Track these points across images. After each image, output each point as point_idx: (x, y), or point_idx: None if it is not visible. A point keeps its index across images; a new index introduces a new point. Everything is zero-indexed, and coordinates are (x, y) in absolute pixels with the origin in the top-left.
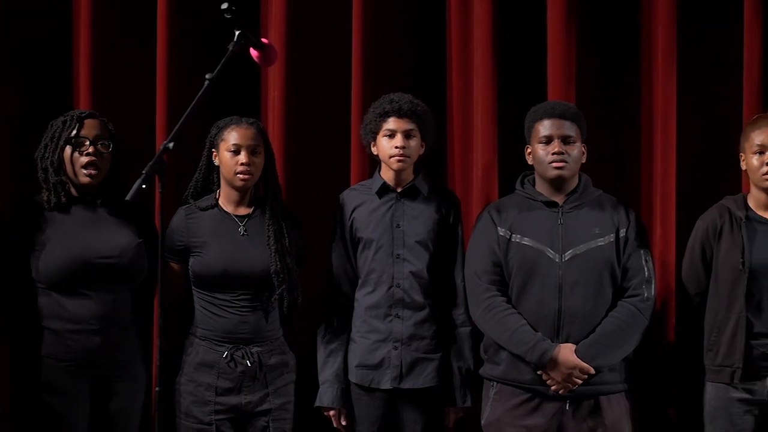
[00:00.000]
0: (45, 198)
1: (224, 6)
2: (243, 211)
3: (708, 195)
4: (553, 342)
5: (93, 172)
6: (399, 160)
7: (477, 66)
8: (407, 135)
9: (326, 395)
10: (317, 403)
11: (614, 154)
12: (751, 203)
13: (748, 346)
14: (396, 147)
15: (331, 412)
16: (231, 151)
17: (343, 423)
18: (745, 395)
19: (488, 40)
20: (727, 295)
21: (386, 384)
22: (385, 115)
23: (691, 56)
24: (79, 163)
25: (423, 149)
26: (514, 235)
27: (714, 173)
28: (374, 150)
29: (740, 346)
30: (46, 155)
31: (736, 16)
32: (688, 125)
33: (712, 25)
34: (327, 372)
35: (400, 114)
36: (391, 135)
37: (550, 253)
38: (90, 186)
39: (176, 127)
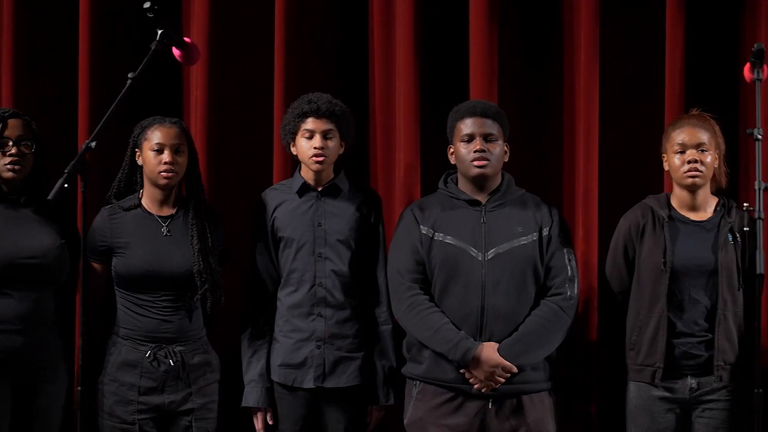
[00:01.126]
0: None
1: (146, 5)
2: (166, 211)
3: (630, 194)
4: (476, 340)
5: (16, 167)
6: (317, 161)
7: (399, 66)
8: (326, 135)
9: (251, 395)
10: (243, 404)
11: (537, 153)
12: (673, 203)
13: (669, 346)
14: (314, 148)
15: (257, 412)
16: (154, 150)
17: (269, 422)
18: (667, 394)
19: (410, 40)
20: (648, 294)
21: (309, 383)
22: (303, 116)
23: (613, 56)
24: (2, 162)
25: (342, 149)
26: (436, 234)
27: (636, 173)
28: (293, 150)
29: (662, 346)
30: None
31: (658, 16)
32: (610, 125)
33: (635, 25)
34: (252, 372)
35: (318, 114)
36: (310, 136)
37: (473, 251)
38: (13, 183)
39: (98, 127)
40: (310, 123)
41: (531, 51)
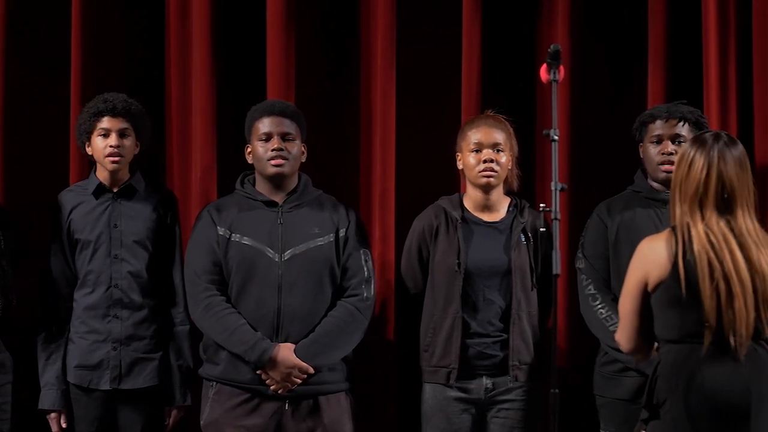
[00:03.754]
0: None
1: None
2: None
3: (427, 195)
4: (272, 341)
5: None
6: (113, 161)
7: (195, 66)
8: (121, 134)
9: (47, 398)
10: (39, 406)
11: (334, 154)
12: (467, 204)
13: (464, 346)
14: (110, 146)
15: (52, 415)
16: None
17: (63, 425)
18: (462, 395)
19: (207, 40)
20: (443, 295)
21: (105, 384)
22: (98, 115)
23: (410, 57)
24: None
25: (138, 149)
26: (233, 235)
27: (433, 174)
28: (89, 150)
29: (456, 347)
30: None
31: (455, 18)
32: (407, 126)
33: (432, 27)
34: (48, 375)
35: (114, 113)
36: (106, 134)
37: (270, 252)
38: None
39: None
40: (105, 122)
41: (329, 51)
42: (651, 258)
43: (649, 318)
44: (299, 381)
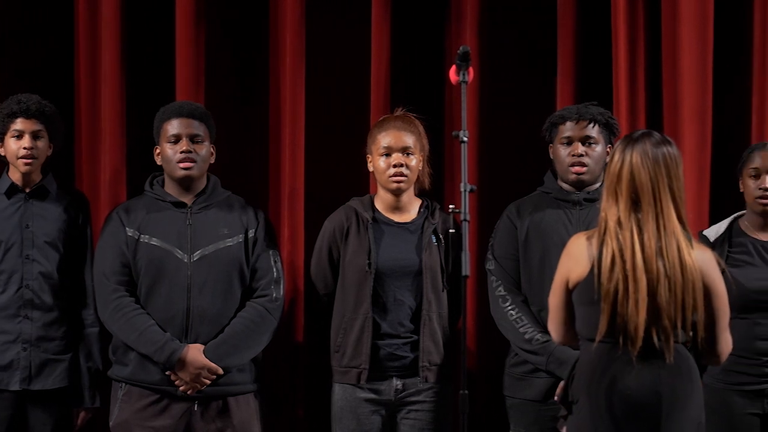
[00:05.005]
0: None
1: None
2: None
3: (337, 196)
4: (181, 342)
5: None
6: (26, 163)
7: (105, 68)
8: (35, 136)
9: None
10: None
11: (243, 155)
12: (378, 205)
13: (374, 347)
14: (24, 148)
15: None
16: None
17: None
18: (372, 395)
19: (116, 42)
20: (353, 295)
21: (15, 385)
22: (12, 116)
23: (319, 57)
24: None
25: (51, 150)
26: (142, 236)
27: (342, 174)
28: (1, 151)
29: (367, 347)
30: None
31: (364, 18)
32: (316, 126)
33: (341, 26)
34: None
35: (27, 114)
36: (19, 136)
37: (179, 253)
38: None
39: None
40: (19, 123)
41: (238, 51)
42: (574, 255)
43: (574, 313)
44: (208, 382)
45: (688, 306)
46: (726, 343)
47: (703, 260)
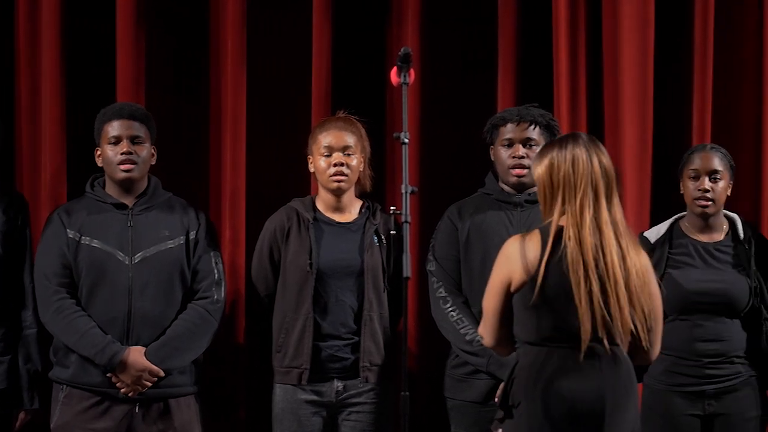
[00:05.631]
0: None
1: None
2: None
3: (277, 197)
4: (123, 344)
5: None
6: None
7: (45, 68)
8: None
9: None
10: None
11: (185, 156)
12: (319, 205)
13: (315, 349)
14: None
15: None
16: None
17: None
18: (314, 397)
19: (56, 42)
20: (295, 296)
21: None
22: None
23: (260, 58)
24: None
25: None
26: (83, 238)
27: (283, 175)
28: None
29: (308, 348)
30: None
31: (305, 19)
32: (258, 127)
33: (282, 27)
34: None
35: None
36: None
37: (120, 255)
38: None
39: None
40: None
41: (179, 53)
42: (516, 258)
43: (511, 316)
44: (149, 384)
45: (645, 306)
46: (660, 343)
47: (648, 261)
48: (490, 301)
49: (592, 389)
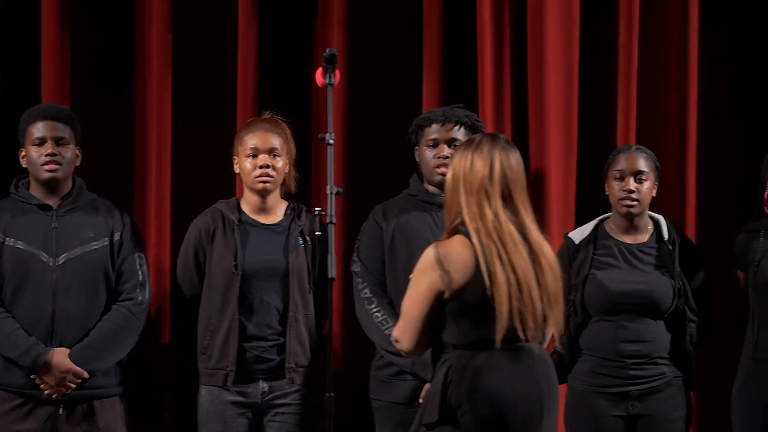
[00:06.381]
0: None
1: None
2: None
3: (202, 199)
4: (47, 346)
5: None
6: None
7: None
8: None
9: None
10: None
11: (109, 157)
12: (244, 207)
13: (241, 350)
14: None
15: None
16: None
17: None
18: (239, 398)
19: None
20: (220, 297)
21: None
22: None
23: (186, 59)
24: None
25: None
26: (7, 239)
27: (208, 177)
28: None
29: (233, 349)
30: None
31: (231, 19)
32: (183, 129)
33: (208, 27)
34: None
35: None
36: None
37: (44, 256)
38: None
39: None
40: None
41: (105, 54)
42: (450, 264)
43: (434, 322)
44: (74, 385)
45: (563, 301)
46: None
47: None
48: (416, 307)
49: (525, 391)
